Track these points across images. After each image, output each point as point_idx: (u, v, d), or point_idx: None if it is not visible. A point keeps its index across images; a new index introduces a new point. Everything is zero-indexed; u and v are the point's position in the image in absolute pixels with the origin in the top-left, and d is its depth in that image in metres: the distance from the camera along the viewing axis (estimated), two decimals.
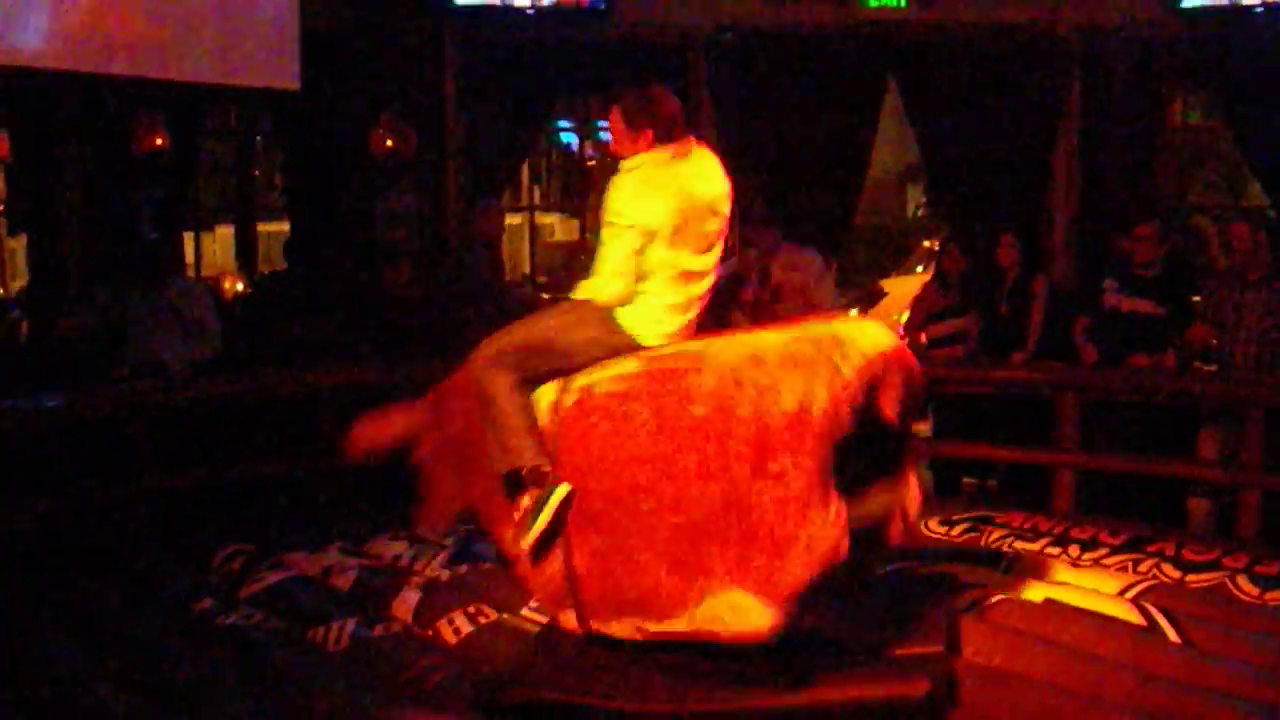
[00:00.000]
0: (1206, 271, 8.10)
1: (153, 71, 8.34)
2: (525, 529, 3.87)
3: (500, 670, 3.89)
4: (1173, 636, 4.43)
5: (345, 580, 5.22)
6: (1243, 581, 5.00)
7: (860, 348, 3.76)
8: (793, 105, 9.70)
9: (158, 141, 9.41)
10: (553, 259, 14.36)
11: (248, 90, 9.22)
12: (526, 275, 12.40)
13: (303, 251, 8.77)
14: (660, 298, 3.98)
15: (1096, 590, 4.88)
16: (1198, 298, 6.91)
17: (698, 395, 3.74)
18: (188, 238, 10.94)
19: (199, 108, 10.28)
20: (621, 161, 4.03)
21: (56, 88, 8.73)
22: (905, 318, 8.50)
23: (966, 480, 7.23)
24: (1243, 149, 10.20)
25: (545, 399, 3.98)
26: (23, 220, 10.42)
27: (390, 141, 9.70)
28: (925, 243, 15.06)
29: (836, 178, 9.85)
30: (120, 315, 7.06)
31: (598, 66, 9.78)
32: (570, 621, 3.99)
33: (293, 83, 8.94)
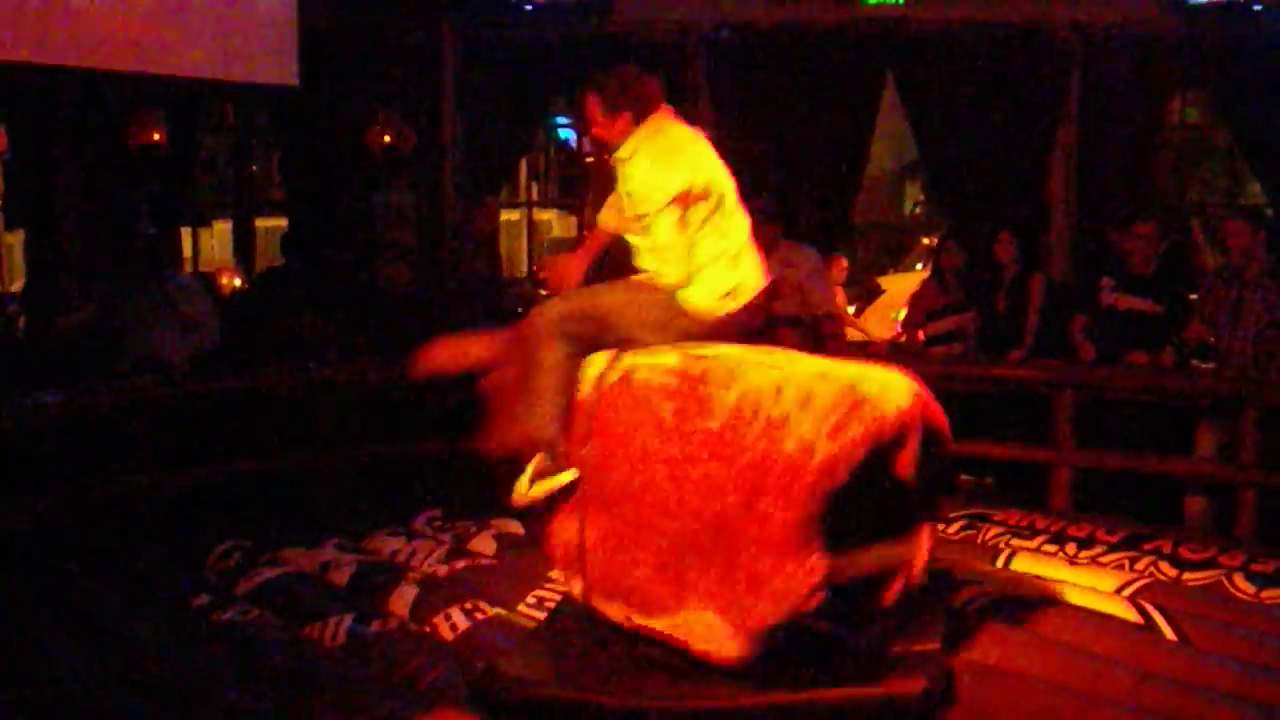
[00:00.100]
0: (1198, 273, 8.10)
1: (151, 67, 8.33)
2: (522, 491, 4.01)
3: (494, 665, 3.89)
4: (1169, 634, 4.44)
5: (342, 576, 5.22)
6: (1239, 580, 5.00)
7: (879, 407, 3.61)
8: (791, 102, 9.71)
9: (156, 137, 9.41)
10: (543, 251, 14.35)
11: (246, 86, 9.21)
12: (526, 272, 12.39)
13: (300, 247, 8.76)
14: (710, 262, 3.99)
15: (1093, 588, 4.88)
16: (1195, 296, 6.91)
17: (718, 410, 3.73)
18: (186, 233, 10.95)
19: (197, 104, 10.28)
20: (616, 154, 4.06)
21: (55, 84, 8.73)
22: (903, 315, 8.50)
23: (963, 477, 7.21)
24: (1241, 148, 10.22)
25: (594, 368, 4.03)
26: (21, 216, 10.40)
27: (388, 137, 9.70)
28: (923, 240, 15.04)
29: (835, 175, 9.87)
30: (118, 311, 7.05)
31: (596, 63, 9.71)
32: (576, 590, 4.06)
33: (291, 79, 8.94)
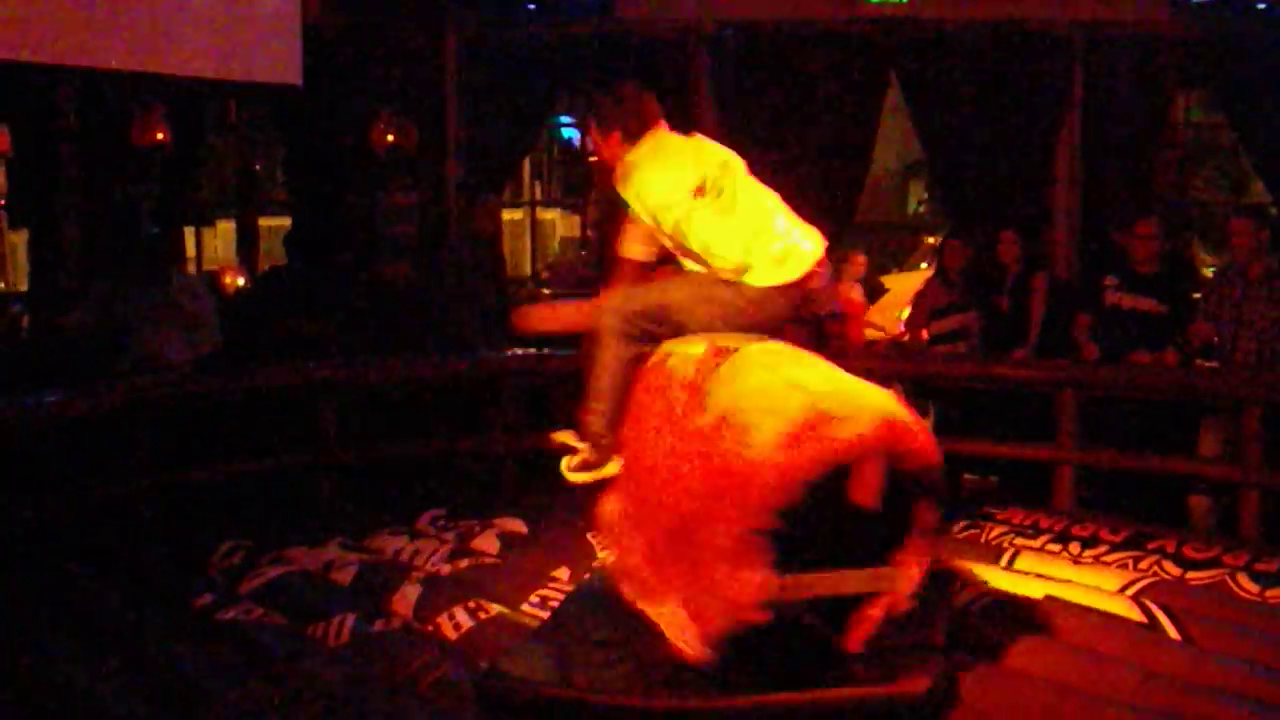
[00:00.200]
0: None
1: (154, 66, 8.33)
2: (564, 470, 4.16)
3: (497, 664, 3.88)
4: (1173, 634, 4.43)
5: (346, 575, 5.22)
6: (1243, 579, 4.99)
7: (836, 429, 3.51)
8: (794, 102, 9.70)
9: (159, 136, 9.40)
10: (554, 253, 14.35)
11: (249, 85, 9.22)
12: (530, 272, 12.39)
13: (303, 246, 8.76)
14: (753, 238, 3.98)
15: (1097, 587, 4.88)
16: (1199, 294, 6.90)
17: (711, 408, 3.73)
18: (189, 232, 10.94)
19: (200, 103, 10.27)
20: (616, 181, 4.08)
21: (57, 83, 8.73)
22: (907, 314, 8.50)
23: (967, 477, 7.22)
24: (1245, 146, 10.20)
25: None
26: (24, 215, 10.40)
27: (391, 137, 9.70)
28: (927, 239, 15.03)
29: (838, 174, 9.85)
30: (121, 310, 7.05)
31: (599, 61, 9.77)
32: (608, 560, 4.23)
33: (294, 78, 8.94)
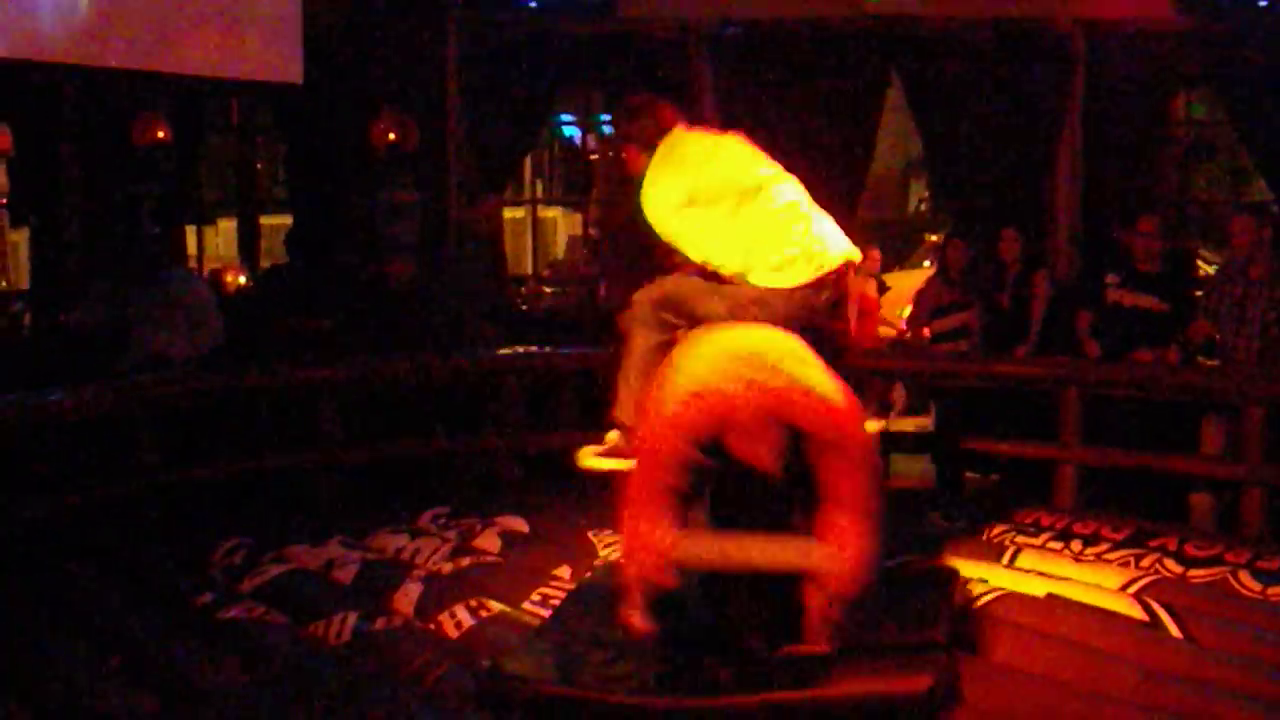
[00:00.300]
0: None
1: (155, 65, 8.34)
2: (585, 455, 4.22)
3: (499, 662, 3.88)
4: (1175, 632, 4.43)
5: (347, 574, 5.21)
6: (1245, 577, 4.98)
7: (719, 389, 3.57)
8: (796, 100, 9.69)
9: (160, 135, 9.40)
10: (559, 253, 14.35)
11: (250, 84, 9.23)
12: (531, 270, 12.39)
13: (304, 245, 8.76)
14: (756, 245, 3.99)
15: (1099, 585, 4.87)
16: (1200, 292, 6.90)
17: (673, 359, 3.81)
18: (190, 231, 10.95)
19: (201, 102, 10.27)
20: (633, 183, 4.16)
21: (59, 82, 8.73)
22: (908, 312, 8.50)
23: (969, 474, 7.22)
24: (1246, 144, 10.20)
25: None
26: (26, 214, 10.41)
27: (392, 135, 9.68)
28: (929, 237, 15.04)
29: (840, 172, 9.84)
30: (122, 309, 7.05)
31: (600, 59, 9.77)
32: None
33: (295, 77, 8.94)
